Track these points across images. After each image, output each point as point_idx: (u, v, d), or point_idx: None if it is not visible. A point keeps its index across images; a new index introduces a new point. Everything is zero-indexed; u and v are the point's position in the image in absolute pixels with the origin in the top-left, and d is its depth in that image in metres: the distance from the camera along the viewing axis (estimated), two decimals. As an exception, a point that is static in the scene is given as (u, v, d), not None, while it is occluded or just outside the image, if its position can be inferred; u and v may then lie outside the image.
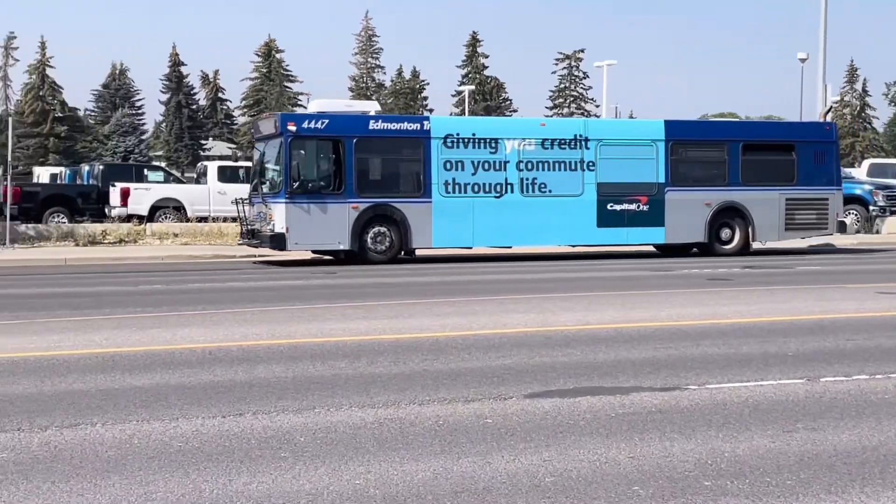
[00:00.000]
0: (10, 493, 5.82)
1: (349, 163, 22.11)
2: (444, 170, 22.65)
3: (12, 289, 17.97)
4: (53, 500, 5.72)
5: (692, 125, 31.84)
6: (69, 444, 6.92)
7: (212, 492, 5.87)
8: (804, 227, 25.75)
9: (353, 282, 19.46)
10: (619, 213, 23.89)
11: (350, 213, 21.93)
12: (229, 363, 9.96)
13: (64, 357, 10.27)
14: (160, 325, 12.78)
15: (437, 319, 13.23)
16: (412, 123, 24.16)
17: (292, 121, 22.40)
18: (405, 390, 8.67)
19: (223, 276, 20.94)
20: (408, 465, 6.41)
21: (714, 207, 24.50)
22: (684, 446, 6.86)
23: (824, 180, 25.61)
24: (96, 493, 5.84)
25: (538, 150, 23.46)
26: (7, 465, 6.36)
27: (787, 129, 30.18)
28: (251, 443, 6.96)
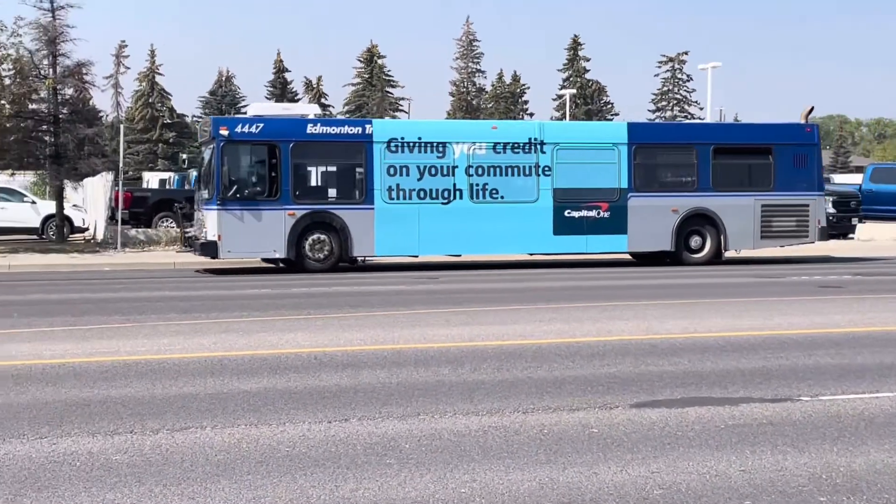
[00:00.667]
0: (123, 495, 5.93)
1: (285, 168, 21.47)
2: (388, 175, 21.85)
3: (124, 292, 18.36)
4: (165, 503, 5.80)
5: (658, 127, 30.83)
6: (180, 447, 7.02)
7: (319, 497, 5.89)
8: (782, 235, 24.26)
9: (454, 287, 19.46)
10: (578, 220, 22.75)
11: (286, 220, 21.24)
12: (335, 368, 10.03)
13: (174, 360, 10.45)
14: (267, 330, 12.92)
15: (540, 325, 13.14)
16: (353, 127, 23.31)
17: (225, 125, 21.79)
18: (509, 398, 8.61)
19: (326, 280, 21.06)
20: (513, 475, 6.35)
21: (682, 214, 23.24)
22: (797, 460, 6.67)
23: (804, 185, 24.12)
24: (206, 496, 5.91)
25: (489, 155, 22.43)
26: (121, 468, 6.48)
27: (764, 132, 27.95)
28: (357, 449, 6.98)
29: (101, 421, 7.71)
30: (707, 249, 23.43)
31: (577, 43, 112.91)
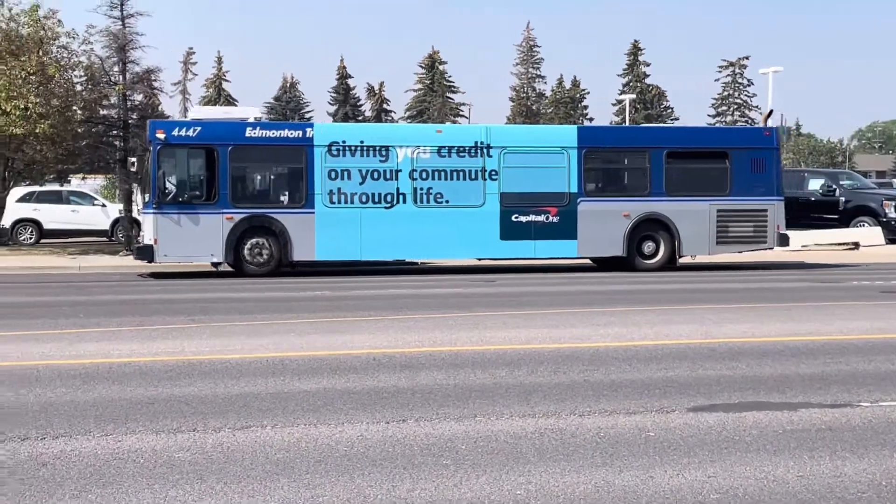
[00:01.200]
0: (185, 492, 5.99)
1: (224, 172, 21.10)
2: (329, 179, 21.49)
3: (188, 293, 18.57)
4: (226, 500, 5.85)
5: (609, 131, 29.83)
6: (241, 445, 7.08)
7: (376, 497, 5.90)
8: (739, 241, 23.45)
9: (511, 290, 19.42)
10: (526, 224, 22.23)
11: (224, 224, 20.94)
12: (393, 369, 10.04)
13: (236, 360, 10.54)
14: (326, 332, 12.99)
15: (597, 329, 13.06)
16: (294, 131, 22.61)
17: (161, 128, 21.43)
18: (565, 400, 8.57)
19: (382, 283, 21.10)
20: (569, 477, 6.31)
21: (634, 219, 22.64)
22: (856, 466, 6.56)
23: (762, 190, 23.39)
24: (266, 494, 5.95)
25: (434, 159, 21.97)
26: (184, 465, 6.55)
27: (721, 136, 27.27)
28: (414, 449, 6.98)
29: (164, 419, 7.80)
30: (661, 255, 22.79)
31: (637, 48, 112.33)
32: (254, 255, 21.15)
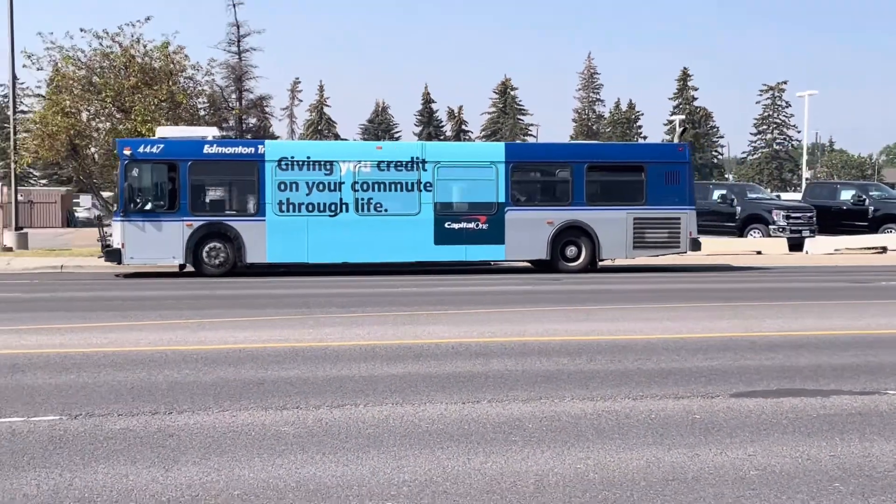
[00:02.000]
0: (289, 461, 6.06)
1: (184, 184, 20.93)
2: (279, 190, 21.22)
3: (295, 289, 18.76)
4: (324, 468, 5.91)
5: (534, 148, 29.30)
6: (337, 421, 7.14)
7: (453, 468, 5.91)
8: (655, 246, 22.79)
9: (575, 287, 19.30)
10: (458, 231, 21.86)
11: (185, 230, 20.77)
12: (468, 356, 10.05)
13: (334, 348, 10.64)
14: (412, 323, 13.05)
15: (650, 323, 12.92)
16: (247, 147, 22.09)
17: (128, 146, 21.34)
18: (620, 386, 8.49)
19: (457, 280, 21.09)
20: (623, 454, 6.25)
21: (557, 226, 22.12)
22: (883, 447, 6.39)
23: (676, 200, 22.67)
24: (358, 464, 5.99)
25: (374, 172, 21.64)
26: (288, 438, 6.63)
27: (637, 151, 26.86)
28: (486, 427, 6.98)
29: (272, 398, 7.90)
30: (582, 258, 22.30)
31: (686, 74, 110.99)
32: (211, 258, 21.10)
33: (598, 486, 5.58)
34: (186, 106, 34.85)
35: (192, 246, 20.83)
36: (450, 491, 5.47)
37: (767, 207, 32.53)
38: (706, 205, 33.30)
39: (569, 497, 5.38)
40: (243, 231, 21.05)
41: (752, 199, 33.36)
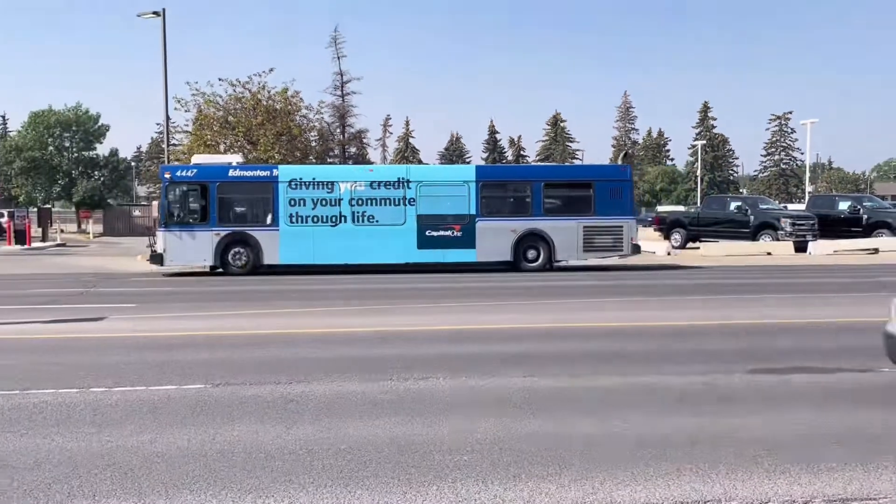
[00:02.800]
0: (383, 422, 6.09)
1: (213, 201, 20.99)
2: (290, 206, 21.19)
3: (372, 283, 18.77)
4: (412, 428, 5.93)
5: (500, 169, 28.66)
6: (422, 391, 7.15)
7: (516, 429, 5.86)
8: (601, 249, 22.24)
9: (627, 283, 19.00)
10: (437, 238, 21.60)
11: (213, 238, 20.85)
12: (530, 339, 9.94)
13: (424, 331, 10.61)
14: (484, 311, 12.95)
15: (678, 312, 12.66)
16: (263, 171, 21.96)
17: (169, 171, 21.55)
18: (653, 364, 8.33)
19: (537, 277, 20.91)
20: (657, 420, 6.15)
21: (519, 233, 21.74)
22: (877, 414, 6.18)
23: (619, 211, 22.11)
24: (440, 425, 6.00)
25: (367, 190, 21.48)
26: (384, 404, 6.67)
27: (587, 171, 25.86)
28: (543, 396, 6.90)
29: (372, 371, 7.94)
30: (540, 260, 21.85)
31: (706, 107, 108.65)
32: (235, 261, 21.13)
33: (636, 445, 5.50)
34: (301, 139, 35.40)
35: (220, 251, 20.99)
36: (514, 448, 5.45)
37: (776, 216, 31.76)
38: (724, 215, 32.59)
39: (611, 454, 5.31)
40: (261, 238, 21.17)
41: (763, 210, 32.60)
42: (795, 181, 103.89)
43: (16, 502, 4.50)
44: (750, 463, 5.13)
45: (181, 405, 6.62)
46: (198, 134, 33.92)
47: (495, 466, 5.08)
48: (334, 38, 62.80)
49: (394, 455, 5.29)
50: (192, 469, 5.04)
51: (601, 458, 5.22)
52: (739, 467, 5.06)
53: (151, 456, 5.30)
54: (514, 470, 5.01)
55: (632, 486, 4.74)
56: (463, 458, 5.22)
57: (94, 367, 8.18)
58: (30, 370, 8.02)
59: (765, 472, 4.97)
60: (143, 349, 9.22)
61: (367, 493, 4.63)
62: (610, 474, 4.94)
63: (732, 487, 4.73)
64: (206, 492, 4.66)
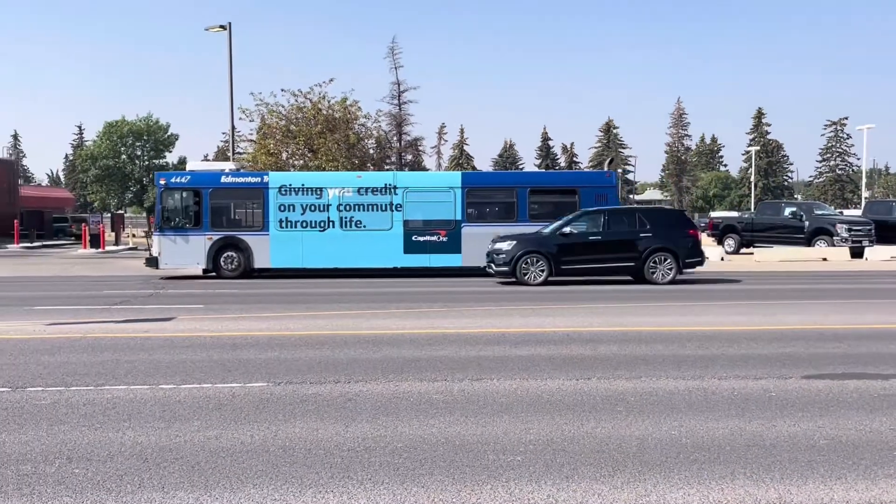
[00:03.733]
0: (439, 421, 6.11)
1: (206, 206, 21.18)
2: (279, 211, 21.22)
3: (421, 287, 18.84)
4: (466, 428, 5.92)
5: (486, 175, 27.64)
6: (476, 391, 7.15)
7: (569, 430, 5.81)
8: None
9: (666, 290, 18.72)
10: (423, 243, 21.37)
11: (206, 242, 20.98)
12: (581, 343, 9.89)
13: (472, 334, 10.61)
14: (532, 315, 12.91)
15: (730, 317, 12.41)
16: (254, 178, 22.02)
17: (164, 177, 21.64)
18: (708, 368, 8.19)
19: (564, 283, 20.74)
20: (710, 423, 6.03)
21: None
22: (938, 424, 5.95)
23: None
24: (493, 426, 5.98)
25: (355, 196, 21.39)
26: (438, 403, 6.67)
27: (572, 177, 25.39)
28: (596, 399, 6.85)
29: (426, 371, 7.98)
30: None
31: (761, 113, 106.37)
32: (227, 264, 21.20)
33: (690, 448, 5.40)
34: (359, 147, 35.75)
35: (212, 254, 21.18)
36: (567, 449, 5.40)
37: (832, 221, 30.85)
38: (779, 220, 31.84)
39: (665, 456, 5.23)
40: (252, 243, 21.32)
41: (818, 215, 31.70)
42: (851, 187, 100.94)
43: (90, 492, 4.64)
44: (805, 468, 5.00)
45: (245, 402, 6.74)
46: (261, 143, 34.54)
47: (548, 467, 5.04)
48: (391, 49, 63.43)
49: (448, 454, 5.29)
50: (255, 464, 5.12)
51: (654, 461, 5.14)
52: (794, 472, 4.93)
53: (217, 450, 5.40)
54: (567, 471, 4.97)
55: (685, 489, 4.65)
56: (516, 459, 5.20)
57: (162, 364, 8.38)
58: (103, 367, 8.26)
59: (820, 478, 4.84)
60: (209, 348, 9.42)
61: (423, 491, 4.64)
62: (663, 476, 4.86)
63: (787, 492, 4.62)
64: (268, 486, 4.73)
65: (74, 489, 4.67)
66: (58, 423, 6.09)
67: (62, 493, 4.61)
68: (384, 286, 18.70)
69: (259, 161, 33.25)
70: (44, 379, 7.64)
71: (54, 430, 5.87)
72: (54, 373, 7.93)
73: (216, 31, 30.77)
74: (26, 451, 5.37)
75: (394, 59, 63.32)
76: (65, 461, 5.17)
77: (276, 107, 35.04)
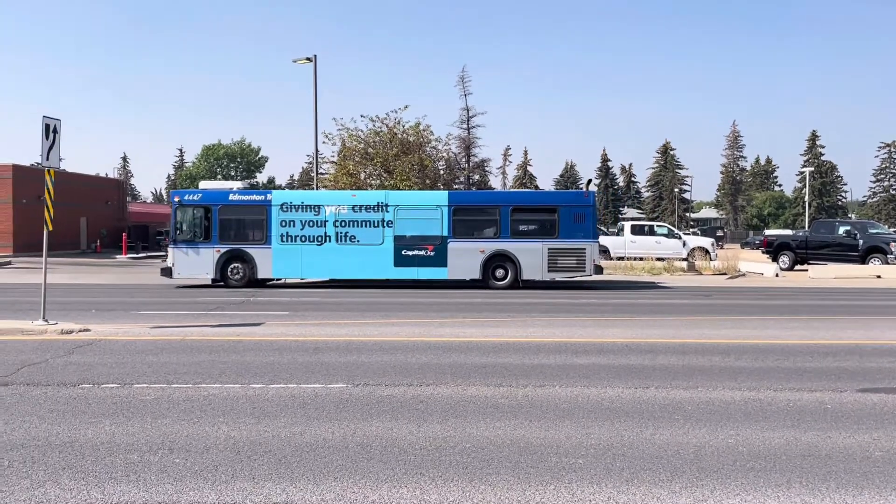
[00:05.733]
0: (504, 424, 6.08)
1: (215, 221, 21.55)
2: (281, 226, 21.51)
3: (528, 298, 18.74)
4: (530, 431, 5.88)
5: (470, 195, 27.15)
6: (539, 397, 7.09)
7: (629, 437, 5.73)
8: (565, 269, 21.42)
9: (722, 302, 18.23)
10: (412, 257, 21.35)
11: (215, 254, 21.27)
12: (639, 353, 9.72)
13: (536, 342, 10.56)
14: (594, 326, 12.76)
15: (787, 331, 12.00)
16: (259, 195, 22.20)
17: (178, 195, 22.17)
18: (763, 380, 7.94)
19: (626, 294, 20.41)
20: (766, 433, 5.84)
21: (487, 253, 21.30)
22: None
23: (582, 234, 21.32)
24: (556, 430, 5.92)
25: (350, 213, 21.58)
26: (503, 407, 6.65)
27: (552, 197, 24.99)
28: (654, 407, 6.72)
29: (492, 377, 7.95)
30: (508, 278, 21.32)
31: (814, 136, 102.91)
32: (233, 274, 21.44)
33: (746, 456, 5.25)
34: (431, 168, 36.02)
35: (220, 265, 21.58)
36: (626, 454, 5.31)
37: (886, 240, 29.57)
38: (833, 238, 30.67)
39: (722, 464, 5.09)
40: (256, 255, 21.63)
41: (872, 234, 30.43)
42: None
43: (189, 480, 4.78)
44: (860, 479, 4.80)
45: (326, 401, 6.84)
46: (342, 164, 35.15)
47: (608, 470, 4.97)
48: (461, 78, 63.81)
49: (513, 455, 5.26)
50: (336, 459, 5.19)
51: (711, 468, 5.00)
52: (850, 483, 4.74)
53: (301, 446, 5.50)
54: (627, 474, 4.88)
55: (741, 496, 4.52)
56: (577, 462, 5.13)
57: (252, 365, 8.58)
58: (200, 367, 8.51)
59: (875, 489, 4.63)
60: (294, 351, 9.60)
61: (490, 489, 4.62)
62: (720, 483, 4.73)
63: (843, 502, 4.43)
64: (347, 479, 4.79)
65: (175, 477, 4.82)
66: (160, 416, 6.30)
67: (164, 480, 4.77)
68: (451, 296, 18.74)
69: (339, 181, 33.82)
70: (148, 377, 7.92)
71: (157, 424, 6.07)
72: (157, 371, 8.21)
73: (303, 63, 31.51)
74: (133, 442, 5.57)
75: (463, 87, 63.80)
76: (166, 452, 5.34)
77: (356, 131, 35.65)
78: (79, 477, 4.78)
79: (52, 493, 4.50)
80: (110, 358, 9.07)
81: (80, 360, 8.87)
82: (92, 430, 5.87)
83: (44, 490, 4.55)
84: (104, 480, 4.72)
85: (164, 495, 4.49)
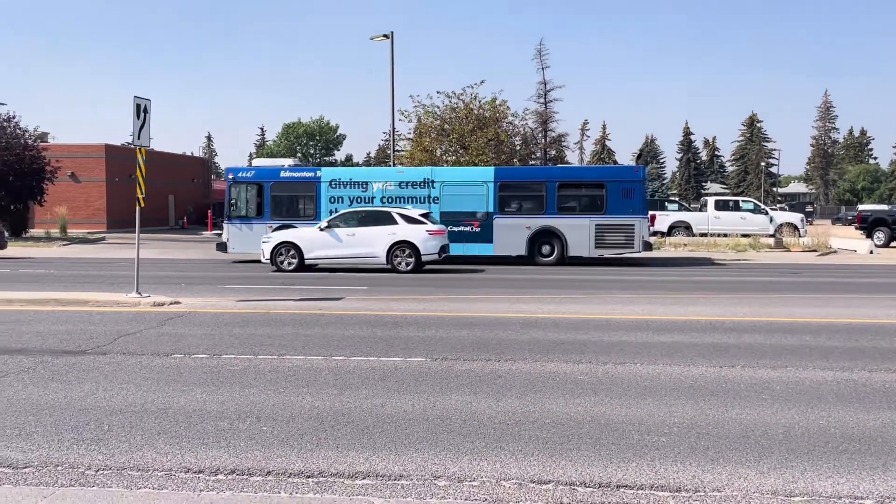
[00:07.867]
0: (584, 399, 6.03)
1: (267, 198, 22.10)
2: (330, 202, 21.98)
3: (607, 275, 18.54)
4: (611, 409, 5.82)
5: (517, 170, 26.26)
6: (620, 374, 7.00)
7: (714, 416, 5.60)
8: (613, 246, 21.14)
9: (812, 280, 17.51)
10: (458, 232, 21.32)
11: (267, 230, 21.01)
12: (723, 331, 9.46)
13: (615, 319, 10.42)
14: (679, 303, 12.49)
15: (882, 310, 11.43)
16: (309, 172, 22.74)
17: (232, 172, 22.73)
18: (857, 360, 7.60)
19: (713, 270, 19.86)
20: (860, 415, 5.60)
21: (533, 230, 21.20)
22: None
23: (630, 210, 20.90)
24: (637, 408, 5.83)
25: (397, 189, 21.80)
26: (583, 384, 6.60)
27: (600, 172, 24.74)
28: (740, 386, 6.53)
29: (571, 354, 7.90)
30: (554, 255, 21.15)
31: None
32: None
33: (839, 438, 5.05)
34: (507, 143, 35.78)
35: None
36: (711, 433, 5.19)
37: None
38: None
39: (813, 445, 4.91)
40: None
41: None
42: None
43: (276, 447, 4.94)
44: (966, 466, 4.55)
45: (406, 375, 6.94)
46: (418, 141, 35.31)
47: (693, 449, 4.87)
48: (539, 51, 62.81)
49: (594, 431, 5.22)
50: (416, 430, 5.27)
51: (801, 449, 4.84)
52: (954, 469, 4.50)
53: (382, 417, 5.60)
54: (712, 454, 4.78)
55: (834, 478, 4.36)
56: (660, 440, 5.05)
57: (334, 338, 8.78)
58: (284, 339, 8.76)
59: (984, 477, 4.38)
60: (374, 325, 9.77)
61: (571, 465, 4.61)
62: (811, 464, 4.57)
63: (946, 489, 4.21)
64: (428, 451, 4.86)
65: (263, 444, 5.00)
66: (248, 386, 6.53)
67: (253, 447, 4.94)
68: (526, 273, 18.67)
69: (415, 157, 34.01)
70: (235, 348, 8.21)
71: (245, 393, 6.30)
72: (244, 343, 8.50)
73: (380, 40, 31.69)
74: (222, 410, 5.79)
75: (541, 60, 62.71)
76: (254, 420, 5.53)
77: (432, 107, 35.70)
78: (173, 442, 5.01)
79: (150, 457, 4.73)
80: (199, 329, 9.45)
81: (171, 331, 9.28)
82: (184, 397, 6.14)
83: (141, 454, 4.79)
84: (196, 446, 4.94)
85: (253, 461, 4.66)
